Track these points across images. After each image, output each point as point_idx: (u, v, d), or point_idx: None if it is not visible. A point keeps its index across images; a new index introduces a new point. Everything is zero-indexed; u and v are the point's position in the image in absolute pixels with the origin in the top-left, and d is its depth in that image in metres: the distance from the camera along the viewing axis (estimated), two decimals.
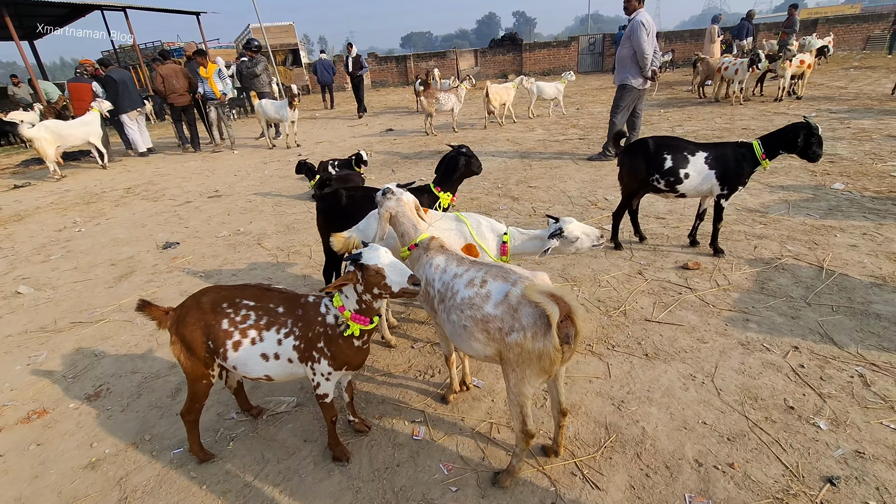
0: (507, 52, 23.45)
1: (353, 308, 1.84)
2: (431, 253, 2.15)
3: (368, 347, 2.02)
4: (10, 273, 4.82)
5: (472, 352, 1.94)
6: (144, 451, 2.40)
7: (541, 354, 1.70)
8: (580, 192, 5.65)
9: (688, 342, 2.83)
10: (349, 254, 1.78)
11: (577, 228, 2.49)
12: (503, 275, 1.84)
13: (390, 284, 1.73)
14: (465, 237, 2.64)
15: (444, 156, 3.28)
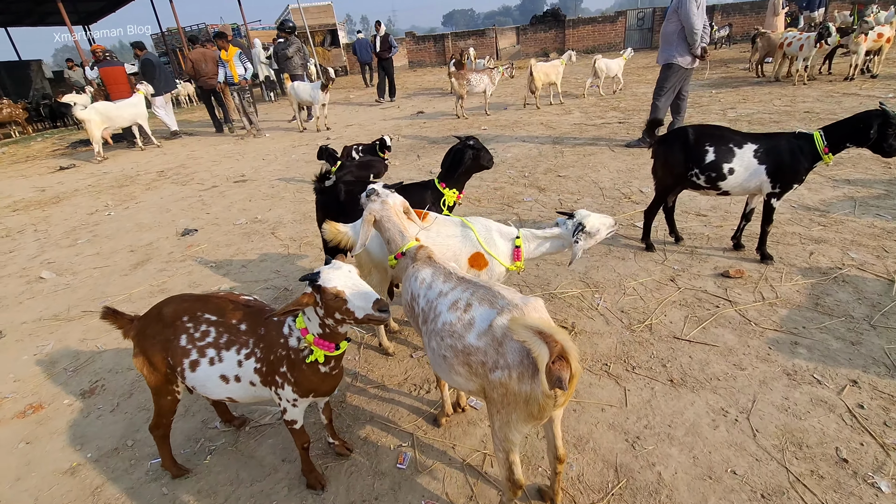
0: (548, 28, 22.37)
1: (316, 332, 1.61)
2: (418, 264, 1.89)
3: (340, 373, 1.80)
4: (38, 257, 4.95)
5: (455, 385, 1.68)
6: (124, 459, 2.31)
7: (528, 398, 1.43)
8: (613, 183, 5.19)
9: (722, 367, 2.45)
10: (312, 273, 1.54)
11: (596, 220, 2.21)
12: (490, 299, 1.56)
13: (353, 310, 1.49)
14: (473, 244, 2.36)
15: (450, 148, 2.97)
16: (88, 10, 21.56)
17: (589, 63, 10.67)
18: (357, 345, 2.98)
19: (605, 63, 10.28)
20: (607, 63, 10.33)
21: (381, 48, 12.93)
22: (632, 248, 3.74)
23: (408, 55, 24.44)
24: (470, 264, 2.33)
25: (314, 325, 1.60)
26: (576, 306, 3.09)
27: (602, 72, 10.27)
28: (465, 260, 2.33)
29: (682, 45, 5.54)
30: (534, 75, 9.61)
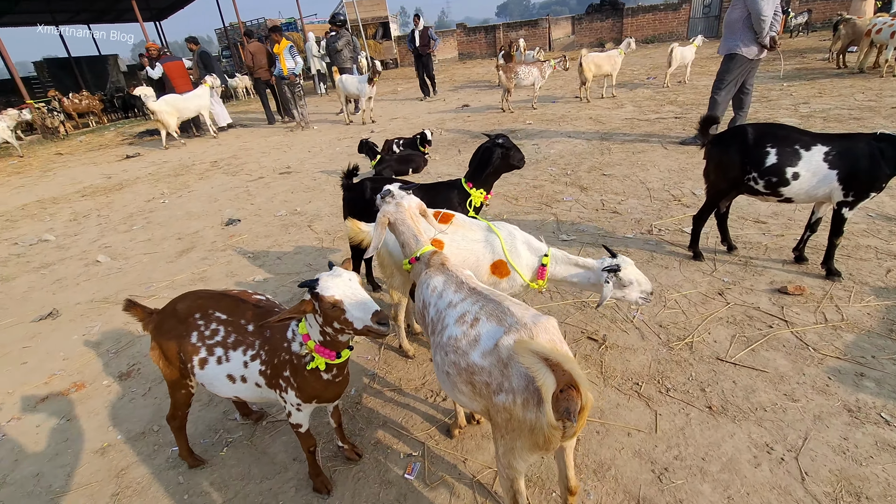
0: (605, 17, 21.42)
1: (317, 339, 1.56)
2: (430, 271, 1.79)
3: (344, 380, 1.74)
4: (98, 241, 5.29)
5: (459, 403, 1.58)
6: (149, 443, 2.39)
7: (533, 427, 1.31)
8: (663, 184, 4.85)
9: (770, 397, 2.20)
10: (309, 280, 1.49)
11: (634, 273, 2.03)
12: (499, 315, 1.44)
13: (351, 321, 1.42)
14: (496, 251, 2.24)
15: (478, 147, 2.84)
16: (160, 7, 22.93)
17: (647, 53, 10.11)
18: (378, 345, 2.94)
19: (681, 51, 9.70)
20: (682, 51, 9.74)
21: (421, 43, 12.47)
22: (677, 257, 3.46)
23: (458, 47, 24.24)
24: (491, 271, 2.21)
25: (315, 331, 1.55)
26: (609, 317, 2.90)
27: (676, 60, 9.71)
28: (488, 266, 2.21)
29: (748, 34, 5.06)
30: (583, 66, 9.21)
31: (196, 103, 10.17)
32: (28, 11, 18.35)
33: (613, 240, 3.82)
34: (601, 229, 4.03)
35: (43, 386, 2.94)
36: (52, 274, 4.53)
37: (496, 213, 4.63)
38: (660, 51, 16.58)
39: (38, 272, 4.61)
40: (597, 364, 2.53)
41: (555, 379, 1.19)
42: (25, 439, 2.52)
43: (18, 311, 3.86)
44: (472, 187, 2.75)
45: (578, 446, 2.07)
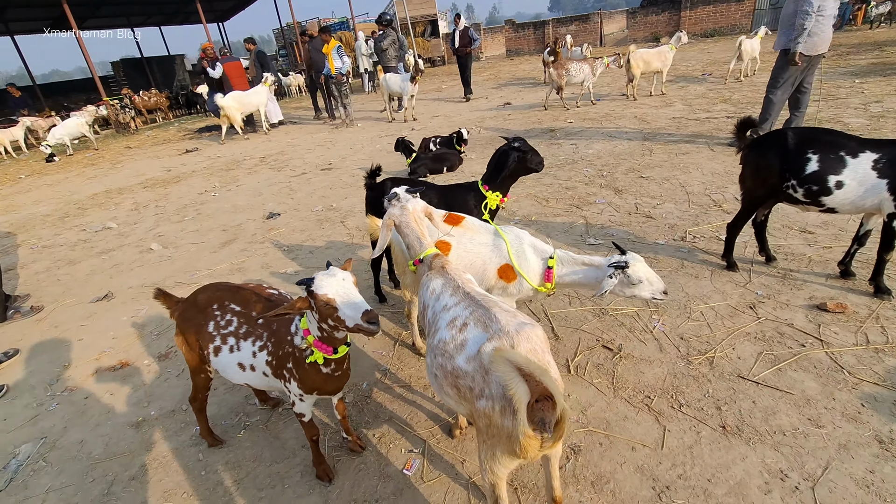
0: (661, 11, 20.49)
1: (316, 334, 1.64)
2: (431, 274, 1.83)
3: (344, 374, 1.81)
4: (153, 229, 5.72)
5: (447, 405, 1.61)
6: (177, 421, 2.59)
7: (510, 435, 1.31)
8: (704, 188, 4.62)
9: (792, 420, 2.07)
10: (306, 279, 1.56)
11: (644, 271, 1.95)
12: (485, 321, 1.46)
13: (343, 318, 1.48)
14: (503, 255, 2.24)
15: (496, 149, 2.83)
16: (223, 9, 24.21)
17: (705, 48, 9.61)
18: (393, 341, 3.01)
19: (749, 44, 9.21)
20: (752, 44, 9.25)
21: (461, 43, 11.77)
22: (709, 266, 3.30)
23: (506, 43, 24.02)
24: (499, 275, 2.21)
25: (314, 327, 1.63)
26: (628, 326, 2.81)
27: (747, 54, 9.24)
28: (495, 270, 2.22)
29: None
30: (631, 63, 8.88)
31: (256, 99, 10.85)
32: (107, 16, 19.94)
33: (643, 245, 3.69)
34: (631, 234, 3.91)
35: (93, 361, 3.23)
36: (111, 259, 4.95)
37: (525, 215, 4.59)
38: (719, 45, 15.69)
39: (100, 257, 5.04)
40: (608, 374, 2.47)
41: (528, 389, 1.19)
42: (74, 409, 2.79)
43: (80, 292, 4.25)
44: (489, 190, 2.76)
45: (578, 457, 2.04)
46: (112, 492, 2.19)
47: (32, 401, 2.92)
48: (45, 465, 2.40)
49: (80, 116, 12.21)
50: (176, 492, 2.14)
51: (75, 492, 2.22)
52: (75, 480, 2.28)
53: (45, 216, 6.83)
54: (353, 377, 2.73)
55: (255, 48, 11.72)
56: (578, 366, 2.57)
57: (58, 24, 17.37)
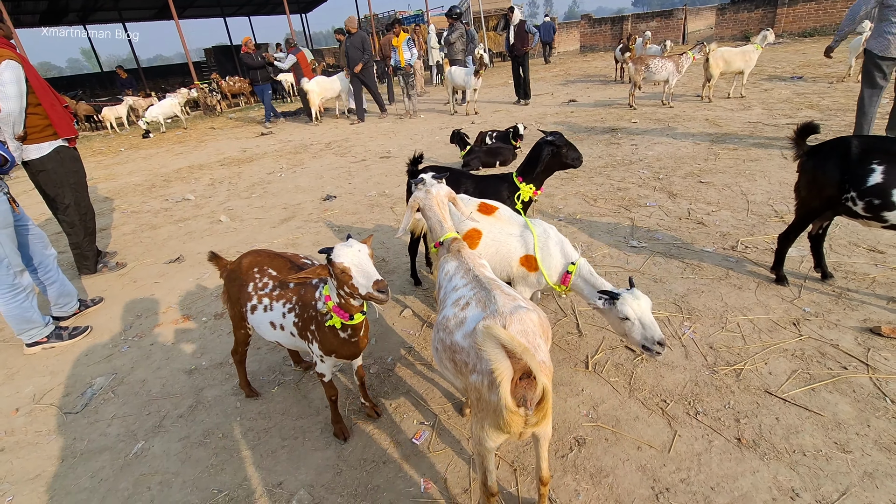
0: (755, 7, 18.94)
1: (335, 300, 1.80)
2: (448, 256, 1.93)
3: (360, 341, 1.96)
4: (225, 203, 6.25)
5: (447, 379, 1.71)
6: (223, 372, 2.89)
7: (496, 409, 1.39)
8: (767, 197, 4.34)
9: (816, 442, 1.96)
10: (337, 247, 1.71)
11: (635, 309, 1.92)
12: (485, 301, 1.54)
13: (356, 286, 1.62)
14: (528, 247, 2.30)
15: (536, 142, 2.86)
16: (307, 1, 25.49)
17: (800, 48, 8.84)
18: (421, 322, 3.15)
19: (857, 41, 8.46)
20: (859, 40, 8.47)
21: (517, 40, 10.29)
22: (757, 278, 3.13)
23: (580, 39, 23.35)
24: (521, 263, 2.27)
25: (334, 293, 1.79)
26: None
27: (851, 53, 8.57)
28: (518, 259, 2.28)
29: (878, 26, 4.45)
30: (710, 62, 8.35)
31: (337, 85, 11.59)
32: (203, 6, 21.68)
33: (687, 251, 3.56)
34: (678, 240, 3.77)
35: (161, 314, 3.65)
36: (185, 227, 5.50)
37: (570, 212, 4.55)
38: (818, 45, 14.30)
39: (177, 224, 5.61)
40: (626, 374, 2.45)
41: (510, 366, 1.26)
42: (141, 353, 3.19)
43: (156, 254, 4.78)
44: (523, 182, 2.80)
45: (582, 448, 2.07)
46: (163, 425, 2.51)
47: (109, 342, 3.37)
48: (113, 397, 2.79)
49: (174, 98, 13.46)
50: (214, 432, 2.42)
51: (134, 421, 2.57)
52: (135, 412, 2.63)
53: (137, 185, 7.66)
54: (380, 351, 2.90)
55: (346, 38, 12.36)
56: (598, 363, 2.56)
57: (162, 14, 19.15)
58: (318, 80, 11.30)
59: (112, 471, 2.25)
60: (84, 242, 4.27)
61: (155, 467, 2.24)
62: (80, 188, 4.13)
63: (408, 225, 2.08)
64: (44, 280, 3.49)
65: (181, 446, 2.35)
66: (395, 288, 3.61)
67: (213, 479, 2.13)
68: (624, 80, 12.24)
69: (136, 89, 17.41)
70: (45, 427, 2.59)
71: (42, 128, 3.72)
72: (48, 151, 3.79)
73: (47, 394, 2.87)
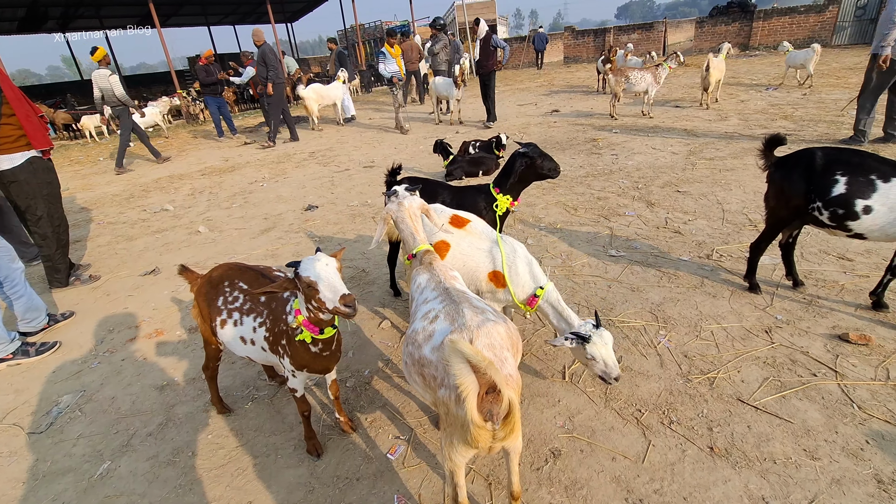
0: (731, 20, 19.50)
1: (305, 315, 1.77)
2: (420, 268, 1.92)
3: (333, 355, 1.94)
4: (204, 213, 6.17)
5: (417, 394, 1.69)
6: (195, 388, 2.82)
7: (464, 423, 1.38)
8: (742, 206, 4.42)
9: (786, 449, 1.98)
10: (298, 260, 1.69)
11: (601, 351, 2.00)
12: (453, 315, 1.53)
13: (323, 300, 1.60)
14: (496, 263, 2.31)
15: (511, 154, 2.88)
16: (293, 10, 25.50)
17: (776, 61, 9.14)
18: (400, 334, 3.12)
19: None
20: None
21: (481, 56, 9.30)
22: (731, 286, 3.18)
23: (564, 50, 23.71)
24: (490, 279, 2.27)
25: (303, 308, 1.76)
26: (632, 339, 2.77)
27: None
28: (486, 274, 2.28)
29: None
30: (710, 71, 8.57)
31: (333, 93, 11.63)
32: (188, 14, 21.55)
33: (664, 260, 3.60)
34: (655, 248, 3.82)
35: (134, 329, 3.57)
36: (163, 238, 5.40)
37: (551, 222, 4.58)
38: None
39: (154, 235, 5.51)
40: (602, 384, 2.46)
41: (475, 380, 1.25)
42: (112, 369, 3.11)
43: (132, 266, 4.69)
44: (500, 193, 2.81)
45: (557, 461, 2.06)
46: (131, 444, 2.44)
47: (79, 358, 3.27)
48: (80, 415, 2.70)
49: (156, 106, 13.30)
50: (183, 450, 2.35)
51: (101, 440, 2.49)
52: (102, 430, 2.56)
53: (114, 195, 7.52)
54: (357, 364, 2.86)
55: (337, 48, 12.64)
56: (574, 373, 2.57)
57: (144, 21, 18.98)
58: (314, 87, 11.36)
59: (75, 493, 2.17)
60: (56, 255, 4.16)
61: (120, 489, 2.17)
62: (53, 199, 4.04)
63: (380, 237, 2.06)
64: (10, 294, 3.39)
65: (149, 466, 2.29)
66: (374, 299, 3.58)
67: (180, 500, 2.07)
68: (606, 91, 12.45)
69: None
70: (7, 448, 2.50)
71: (15, 138, 3.64)
72: (21, 162, 3.71)
73: (10, 413, 2.77)
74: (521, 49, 23.91)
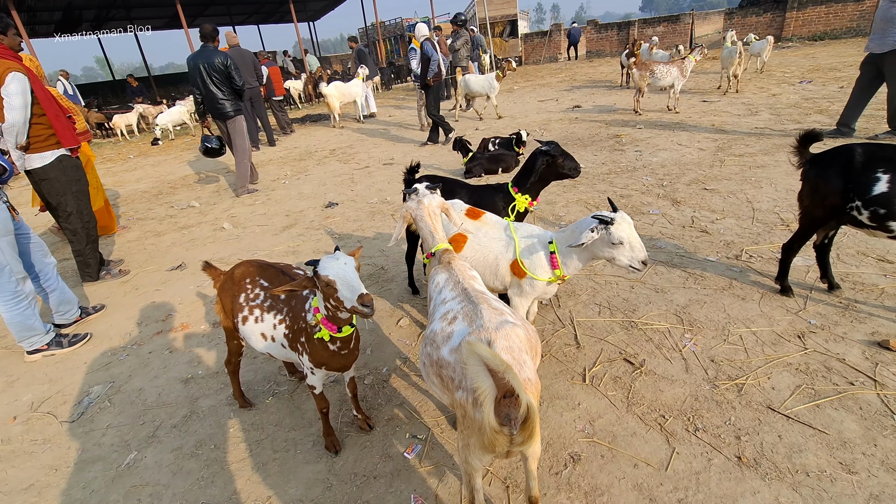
0: (763, 11, 18.80)
1: (324, 313, 1.77)
2: (438, 268, 1.90)
3: (351, 353, 1.94)
4: (228, 210, 6.29)
5: (435, 395, 1.68)
6: (219, 381, 2.88)
7: (481, 427, 1.36)
8: (773, 205, 4.26)
9: (820, 461, 1.90)
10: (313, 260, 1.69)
11: (627, 232, 1.90)
12: (471, 316, 1.51)
13: (342, 299, 1.60)
14: (514, 252, 2.27)
15: (531, 152, 2.83)
16: (315, 9, 25.76)
17: (810, 52, 8.88)
18: (419, 332, 3.11)
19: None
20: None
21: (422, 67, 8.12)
22: (761, 288, 3.07)
23: (587, 44, 23.29)
24: (511, 270, 2.24)
25: (322, 306, 1.77)
26: (656, 342, 2.70)
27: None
28: (507, 266, 2.24)
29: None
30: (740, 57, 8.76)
31: (354, 90, 11.79)
32: (213, 14, 21.99)
33: (690, 260, 3.50)
34: (681, 248, 3.71)
35: (161, 322, 3.66)
36: (189, 234, 5.53)
37: (571, 220, 4.50)
38: (828, 49, 14.18)
39: (181, 231, 5.65)
40: (625, 388, 2.40)
41: (493, 384, 1.23)
42: (139, 361, 3.19)
43: (159, 261, 4.81)
44: (518, 192, 2.76)
45: (577, 466, 2.02)
46: (156, 435, 2.50)
47: (108, 350, 3.37)
48: (109, 406, 2.78)
49: (183, 105, 13.61)
50: (206, 443, 2.40)
51: (128, 430, 2.56)
52: (130, 421, 2.63)
53: (144, 192, 7.74)
54: (375, 361, 2.87)
55: (357, 46, 12.81)
56: (595, 376, 2.51)
57: (172, 22, 19.43)
58: (336, 85, 11.56)
59: (104, 482, 2.24)
60: (86, 250, 4.30)
61: (146, 479, 2.23)
62: (82, 196, 4.17)
63: (399, 236, 2.05)
64: (45, 288, 3.52)
65: (173, 457, 2.34)
66: (392, 296, 3.59)
67: (203, 492, 2.11)
68: (630, 86, 12.19)
69: (147, 97, 17.66)
70: (41, 436, 2.59)
71: (45, 137, 3.77)
72: (51, 160, 3.83)
73: (45, 402, 2.87)
74: (543, 44, 23.63)
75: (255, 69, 9.60)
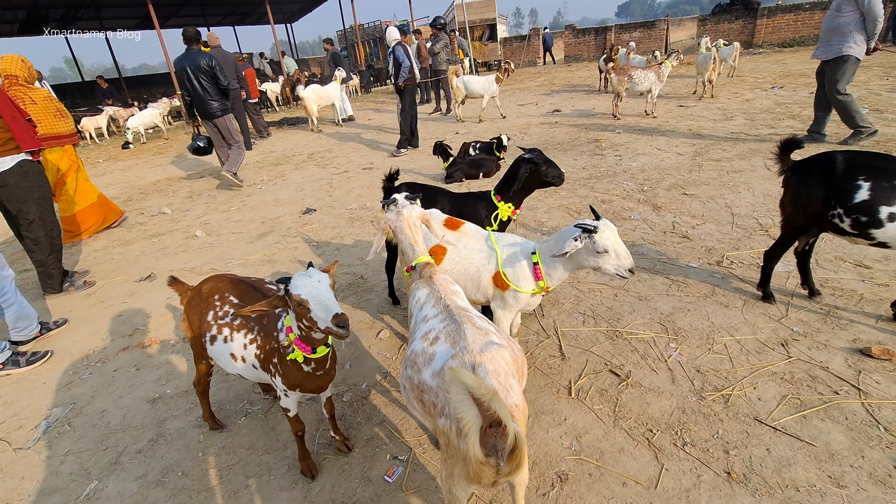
0: (735, 18, 19.31)
1: (297, 333, 1.66)
2: (419, 282, 1.81)
3: (327, 373, 1.83)
4: (201, 217, 6.07)
5: (415, 420, 1.58)
6: (188, 401, 2.72)
7: (465, 458, 1.27)
8: (752, 210, 4.30)
9: (809, 475, 1.87)
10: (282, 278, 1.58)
11: (612, 240, 1.84)
12: (454, 337, 1.42)
13: (315, 319, 1.49)
14: (496, 263, 2.19)
15: (514, 160, 2.76)
16: (292, 10, 25.41)
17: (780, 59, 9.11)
18: (399, 344, 3.01)
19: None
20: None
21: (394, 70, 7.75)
22: (744, 295, 3.06)
23: (565, 49, 23.54)
24: (494, 282, 2.16)
25: (295, 325, 1.66)
26: (641, 352, 2.66)
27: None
28: (489, 278, 2.17)
29: (861, 35, 5.26)
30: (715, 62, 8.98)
31: (330, 94, 11.66)
32: (187, 15, 21.48)
33: (673, 267, 3.49)
34: (663, 255, 3.70)
35: (127, 338, 3.47)
36: (160, 242, 5.31)
37: (554, 226, 4.47)
38: (797, 55, 14.60)
39: (151, 240, 5.42)
40: (611, 401, 2.35)
41: (479, 414, 1.14)
42: (103, 380, 3.01)
43: (128, 272, 4.59)
44: (501, 200, 2.70)
45: (564, 486, 1.95)
46: (119, 462, 2.34)
47: (70, 368, 3.18)
48: (68, 430, 2.60)
49: (155, 108, 13.22)
50: (173, 469, 2.25)
51: (89, 457, 2.39)
52: (91, 447, 2.46)
53: (113, 198, 7.36)
54: (354, 377, 2.76)
55: (332, 49, 12.65)
56: (581, 389, 2.45)
57: (144, 23, 18.89)
58: (313, 88, 11.43)
59: None
60: (49, 260, 4.07)
61: None
62: (45, 203, 3.95)
63: (377, 248, 1.96)
64: (0, 303, 3.29)
65: (137, 486, 2.19)
66: (372, 307, 3.48)
67: None
68: (608, 90, 12.32)
69: (118, 99, 17.11)
70: None
71: (3, 141, 3.55)
72: (10, 165, 3.62)
73: None
74: (522, 48, 23.79)
75: (236, 70, 9.42)
